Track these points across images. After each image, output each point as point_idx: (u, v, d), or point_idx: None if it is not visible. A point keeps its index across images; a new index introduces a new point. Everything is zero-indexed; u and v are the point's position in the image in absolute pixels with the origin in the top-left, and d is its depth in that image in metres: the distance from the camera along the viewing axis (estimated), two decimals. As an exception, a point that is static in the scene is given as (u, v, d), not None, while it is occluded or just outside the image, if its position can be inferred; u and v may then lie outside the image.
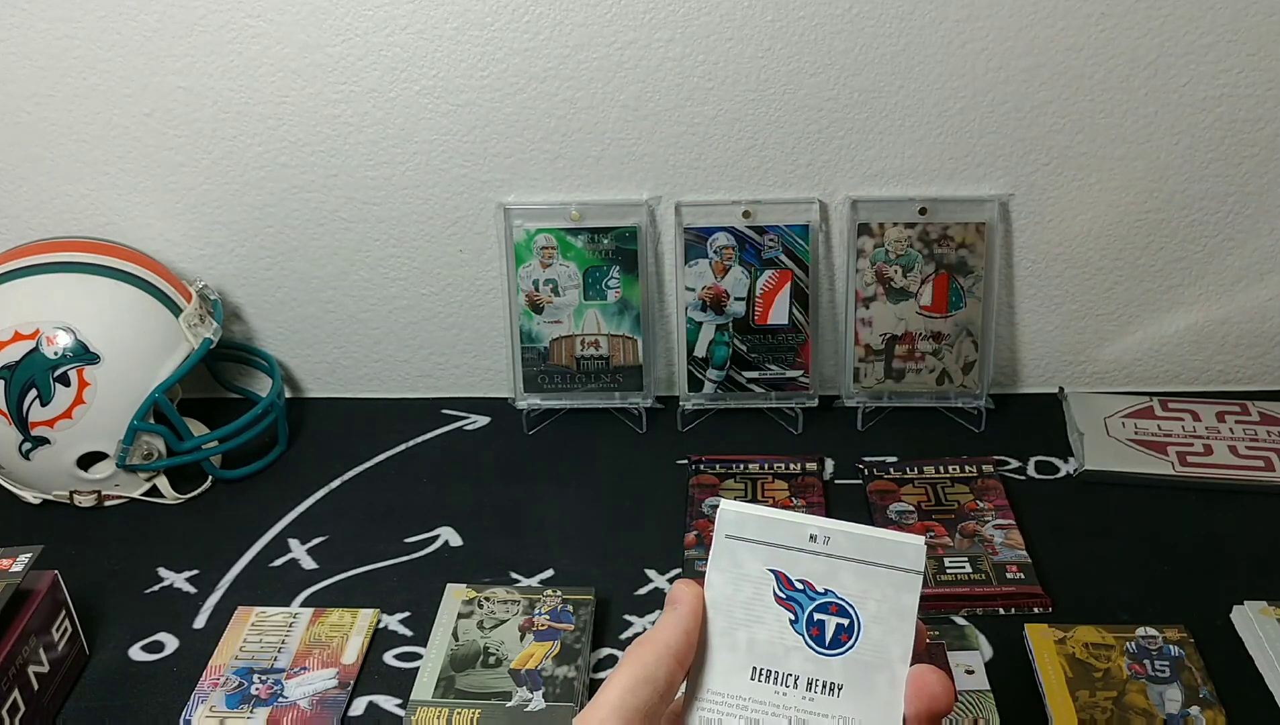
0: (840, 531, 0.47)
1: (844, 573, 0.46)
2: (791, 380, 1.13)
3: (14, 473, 1.05)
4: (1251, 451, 1.04)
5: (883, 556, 0.47)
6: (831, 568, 0.47)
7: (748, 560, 0.47)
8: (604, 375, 1.14)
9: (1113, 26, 0.98)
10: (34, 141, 1.09)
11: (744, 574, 0.47)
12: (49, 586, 0.85)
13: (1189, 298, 1.12)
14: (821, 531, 0.47)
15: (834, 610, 0.46)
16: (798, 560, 0.47)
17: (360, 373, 1.23)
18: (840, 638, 0.46)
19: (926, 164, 1.06)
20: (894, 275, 1.09)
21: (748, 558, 0.47)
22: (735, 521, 0.48)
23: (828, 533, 0.47)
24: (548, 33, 1.00)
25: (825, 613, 0.46)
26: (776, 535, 0.47)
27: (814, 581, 0.46)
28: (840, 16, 0.99)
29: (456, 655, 0.87)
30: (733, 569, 0.47)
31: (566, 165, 1.08)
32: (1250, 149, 1.03)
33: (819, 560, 0.47)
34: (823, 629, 0.46)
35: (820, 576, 0.46)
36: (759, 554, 0.47)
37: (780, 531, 0.47)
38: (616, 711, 0.43)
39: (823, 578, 0.46)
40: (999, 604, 0.88)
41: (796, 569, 0.47)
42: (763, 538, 0.47)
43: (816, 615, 0.46)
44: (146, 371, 1.03)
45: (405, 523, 1.03)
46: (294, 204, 1.11)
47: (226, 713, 0.83)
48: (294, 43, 1.02)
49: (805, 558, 0.47)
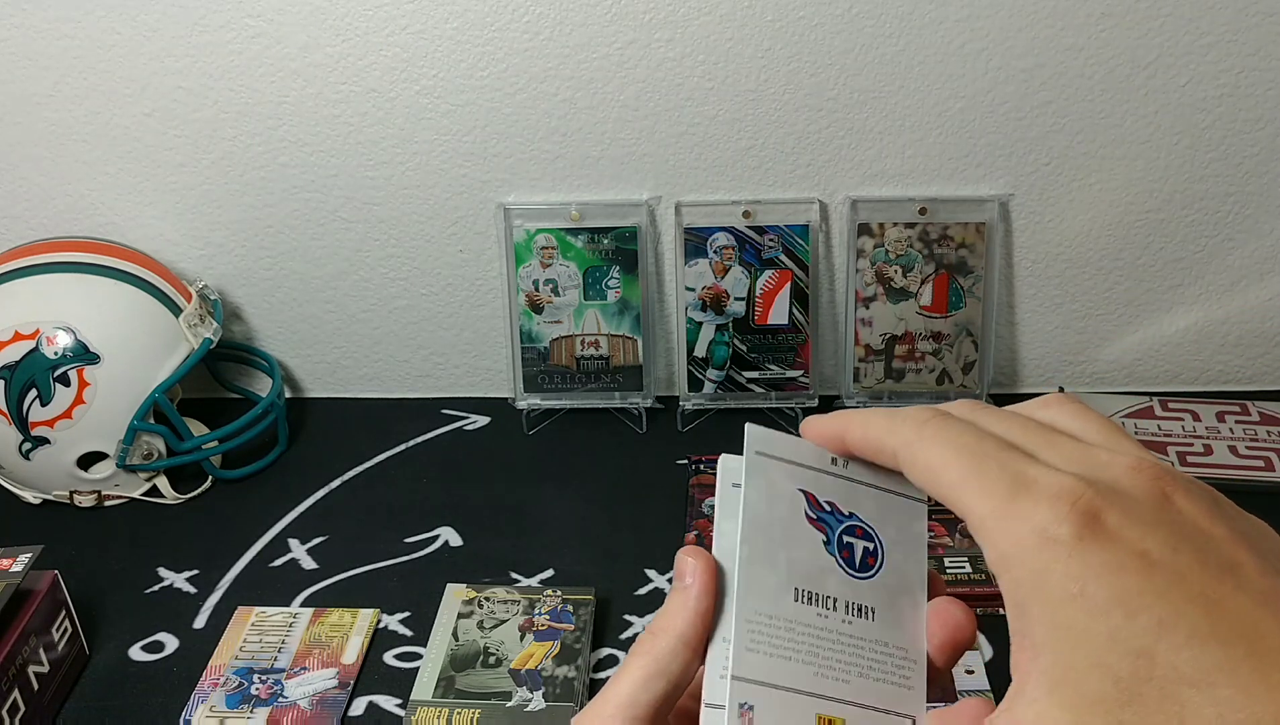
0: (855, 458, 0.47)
1: (863, 497, 0.46)
2: (791, 380, 1.13)
3: (14, 473, 1.05)
4: (1251, 451, 1.04)
5: (894, 483, 0.47)
6: (853, 491, 0.46)
7: (779, 479, 0.46)
8: (604, 375, 1.14)
9: (1113, 26, 0.98)
10: (34, 141, 1.09)
11: (778, 493, 0.46)
12: (49, 586, 0.85)
13: (1189, 298, 1.12)
14: (840, 456, 0.47)
15: (859, 533, 0.46)
16: (822, 481, 0.46)
17: (360, 373, 1.23)
18: (868, 561, 0.45)
19: (926, 164, 1.06)
20: (894, 275, 1.09)
21: (779, 476, 0.46)
22: (764, 438, 0.47)
23: (845, 457, 0.47)
24: (548, 33, 1.00)
25: (852, 535, 0.46)
26: (802, 455, 0.46)
27: (839, 503, 0.46)
28: (840, 16, 0.99)
29: (456, 655, 0.87)
30: (766, 488, 0.45)
31: (566, 165, 1.08)
32: (1250, 149, 1.03)
33: (841, 483, 0.46)
34: (852, 552, 0.45)
35: (844, 499, 0.46)
36: (789, 473, 0.46)
37: (805, 451, 0.47)
38: (626, 710, 0.40)
39: (846, 501, 0.46)
40: (999, 604, 0.88)
41: (823, 490, 0.46)
42: (790, 457, 0.47)
43: (845, 538, 0.45)
44: (146, 371, 1.03)
45: (405, 523, 1.03)
46: (294, 204, 1.11)
47: (226, 713, 0.83)
48: (294, 43, 1.02)
49: (829, 479, 0.46)
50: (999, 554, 0.34)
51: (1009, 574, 0.34)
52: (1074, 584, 0.32)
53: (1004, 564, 0.34)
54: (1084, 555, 0.32)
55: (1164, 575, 0.31)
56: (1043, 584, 0.33)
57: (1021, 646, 0.34)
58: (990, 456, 0.36)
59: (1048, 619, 0.32)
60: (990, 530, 0.34)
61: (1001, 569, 0.34)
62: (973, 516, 0.35)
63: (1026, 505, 0.34)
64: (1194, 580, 0.31)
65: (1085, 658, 0.31)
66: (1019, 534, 0.34)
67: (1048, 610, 0.32)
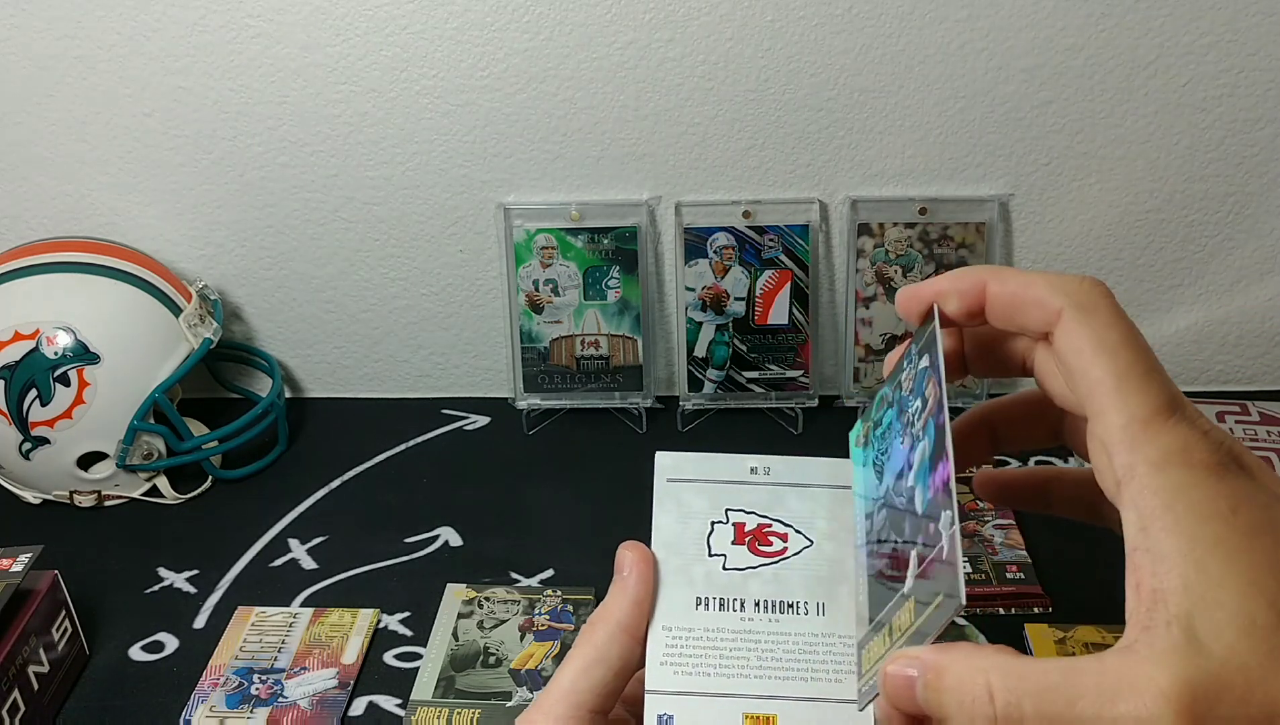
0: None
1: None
2: (791, 380, 1.13)
3: (14, 473, 1.05)
4: (1251, 451, 1.04)
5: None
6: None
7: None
8: (604, 375, 1.14)
9: (1113, 26, 0.98)
10: (34, 141, 1.09)
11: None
12: (49, 586, 0.85)
13: (1189, 298, 1.12)
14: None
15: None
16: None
17: (360, 373, 1.23)
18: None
19: (926, 164, 1.06)
20: (894, 275, 1.09)
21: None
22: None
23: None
24: (548, 33, 1.00)
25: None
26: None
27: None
28: (840, 16, 0.99)
29: (456, 655, 0.87)
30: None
31: (566, 165, 1.08)
32: (1250, 149, 1.03)
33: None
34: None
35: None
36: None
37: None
38: (568, 696, 0.42)
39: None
40: (999, 604, 0.89)
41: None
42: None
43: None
44: (146, 371, 1.03)
45: (405, 523, 1.03)
46: (294, 204, 1.11)
47: (226, 713, 0.83)
48: (294, 43, 1.02)
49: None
50: (1142, 458, 0.33)
51: (1144, 483, 0.33)
52: (1225, 502, 0.32)
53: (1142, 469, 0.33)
54: (1234, 481, 0.32)
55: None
56: (1188, 496, 0.32)
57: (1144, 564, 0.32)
58: (1157, 368, 0.35)
59: (1188, 532, 0.31)
60: (1137, 434, 0.33)
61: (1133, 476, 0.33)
62: (1120, 414, 0.34)
63: (1183, 426, 0.33)
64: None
65: (1237, 576, 0.31)
66: (1169, 446, 0.33)
67: (1190, 523, 0.32)
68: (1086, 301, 0.36)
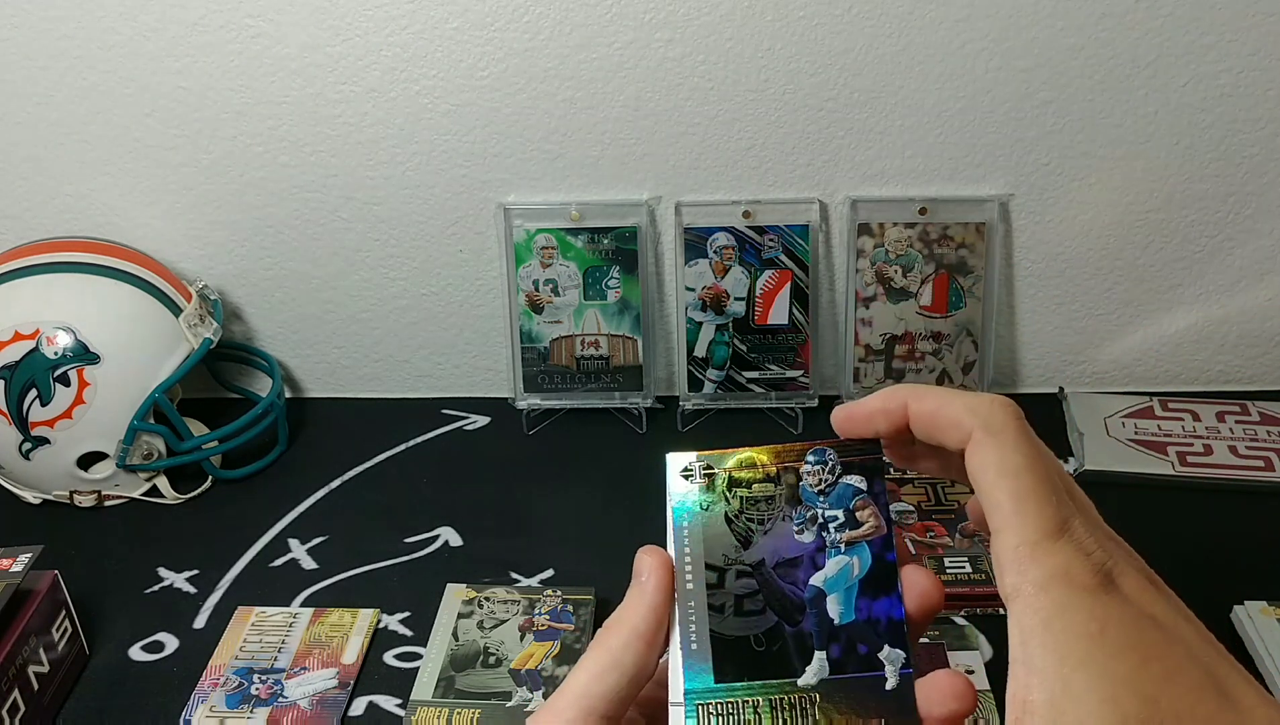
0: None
1: None
2: (791, 380, 1.13)
3: (14, 473, 1.05)
4: (1251, 451, 1.04)
5: None
6: None
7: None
8: (604, 375, 1.14)
9: (1113, 26, 0.98)
10: (34, 141, 1.09)
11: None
12: (49, 586, 0.85)
13: (1189, 298, 1.12)
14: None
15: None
16: None
17: (360, 373, 1.23)
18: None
19: (926, 164, 1.06)
20: (894, 275, 1.09)
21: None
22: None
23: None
24: (548, 33, 1.00)
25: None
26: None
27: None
28: (840, 16, 0.99)
29: (456, 655, 0.87)
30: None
31: (566, 165, 1.08)
32: (1250, 149, 1.03)
33: None
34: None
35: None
36: None
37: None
38: (579, 701, 0.41)
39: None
40: (999, 604, 0.88)
41: None
42: None
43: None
44: (146, 371, 1.03)
45: (405, 523, 1.03)
46: (294, 204, 1.11)
47: (226, 713, 0.83)
48: (294, 43, 1.02)
49: None
50: (1028, 579, 0.36)
51: (1028, 602, 0.35)
52: (1096, 623, 0.34)
53: (1028, 589, 0.36)
54: (1108, 601, 0.35)
55: (1168, 636, 0.34)
56: (1062, 616, 0.35)
57: (1019, 675, 0.35)
58: (1056, 490, 0.38)
59: (1059, 650, 0.34)
60: (1025, 558, 0.36)
61: (1019, 595, 0.36)
62: (1014, 535, 0.37)
63: (1067, 547, 0.36)
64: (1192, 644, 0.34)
65: (1097, 693, 0.33)
66: (1053, 568, 0.36)
67: (1063, 641, 0.34)
68: (994, 423, 0.39)
